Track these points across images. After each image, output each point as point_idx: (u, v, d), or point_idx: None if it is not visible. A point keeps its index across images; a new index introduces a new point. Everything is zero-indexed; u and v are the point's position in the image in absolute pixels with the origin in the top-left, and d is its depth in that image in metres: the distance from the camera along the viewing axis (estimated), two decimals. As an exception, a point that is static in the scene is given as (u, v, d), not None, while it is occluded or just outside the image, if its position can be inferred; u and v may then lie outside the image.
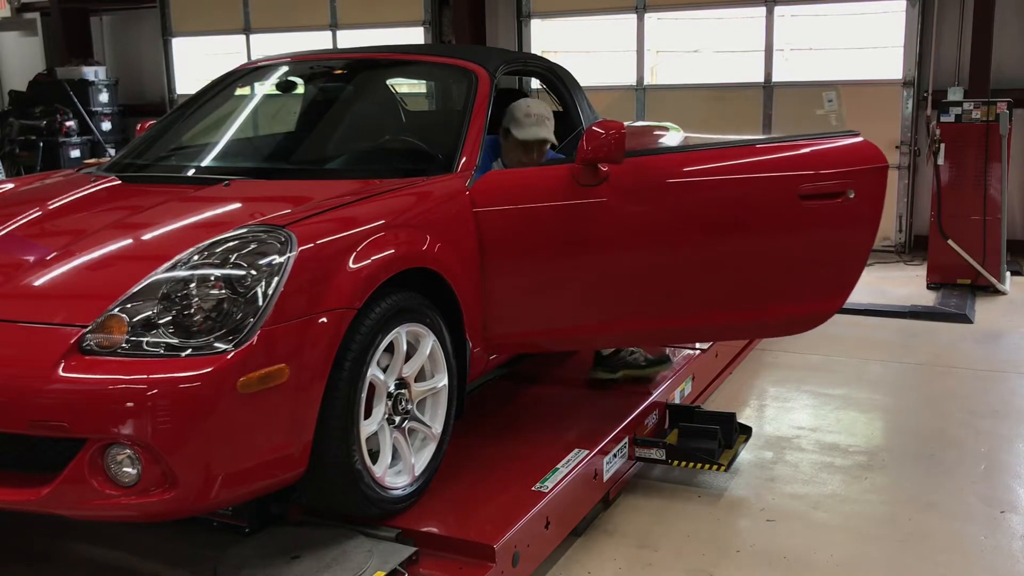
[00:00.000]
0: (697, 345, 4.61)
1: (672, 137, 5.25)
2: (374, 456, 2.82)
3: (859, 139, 3.51)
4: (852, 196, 3.42)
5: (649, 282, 3.44)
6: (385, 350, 2.80)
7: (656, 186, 3.37)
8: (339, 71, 4.26)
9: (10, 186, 3.67)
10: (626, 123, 5.17)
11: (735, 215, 3.43)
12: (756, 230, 3.45)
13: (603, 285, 3.42)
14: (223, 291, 2.45)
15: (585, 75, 5.25)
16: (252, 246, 2.55)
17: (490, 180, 3.34)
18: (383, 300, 2.76)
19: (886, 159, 3.51)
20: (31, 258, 2.78)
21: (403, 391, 2.92)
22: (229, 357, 2.35)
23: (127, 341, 2.38)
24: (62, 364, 2.34)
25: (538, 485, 3.06)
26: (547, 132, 3.69)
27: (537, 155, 3.69)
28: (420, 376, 3.01)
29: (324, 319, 2.55)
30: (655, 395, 3.90)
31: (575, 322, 3.49)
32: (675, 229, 3.39)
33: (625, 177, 3.32)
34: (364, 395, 2.71)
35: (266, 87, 4.30)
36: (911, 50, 7.93)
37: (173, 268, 2.53)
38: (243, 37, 10.70)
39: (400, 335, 2.85)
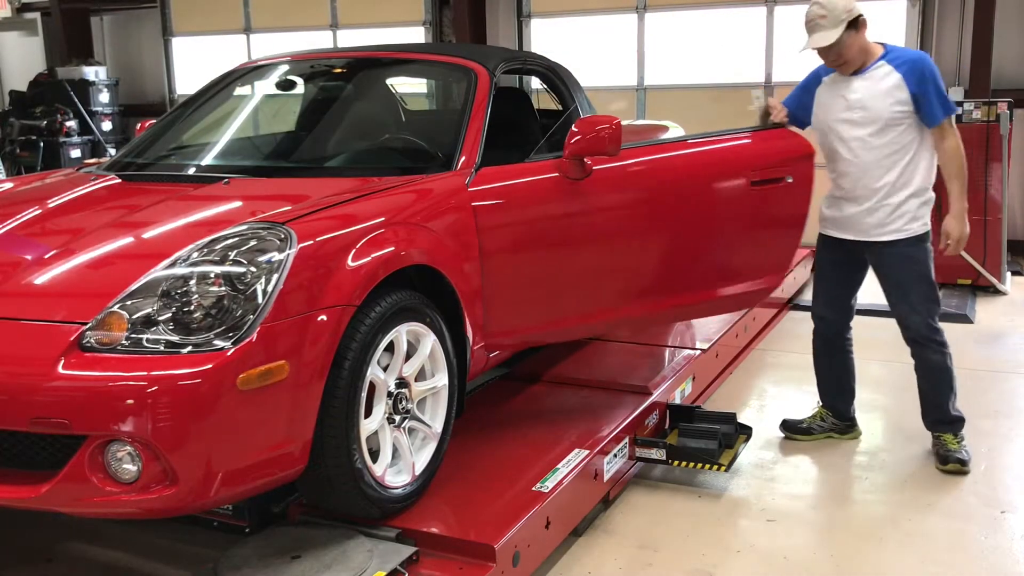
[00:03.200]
0: (698, 345, 4.62)
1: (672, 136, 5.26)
2: (374, 455, 2.82)
3: (789, 131, 4.00)
4: (790, 181, 3.92)
5: (635, 270, 3.71)
6: (385, 349, 2.80)
7: (636, 179, 3.64)
8: (339, 70, 4.26)
9: (10, 185, 3.67)
10: (625, 122, 5.21)
11: (705, 203, 3.82)
12: (723, 215, 3.88)
13: (594, 275, 3.61)
14: (223, 288, 2.45)
15: (585, 75, 5.24)
16: (252, 243, 2.55)
17: (487, 176, 3.36)
18: (383, 299, 2.76)
19: (813, 147, 3.98)
20: (31, 256, 2.78)
21: (403, 390, 2.91)
22: (229, 354, 2.35)
23: (127, 338, 2.38)
24: (62, 361, 2.34)
25: (538, 485, 3.06)
26: (827, 36, 3.55)
27: (834, 60, 3.64)
28: (420, 375, 3.00)
29: (324, 316, 2.55)
30: (655, 395, 3.89)
31: (570, 313, 3.61)
32: (655, 218, 3.69)
33: (608, 171, 3.50)
34: (364, 394, 2.71)
35: (266, 86, 4.30)
36: (911, 50, 7.92)
37: (173, 265, 2.53)
38: (243, 37, 10.69)
39: (400, 334, 2.85)
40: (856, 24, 3.58)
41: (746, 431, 3.86)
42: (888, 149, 3.63)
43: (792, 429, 4.12)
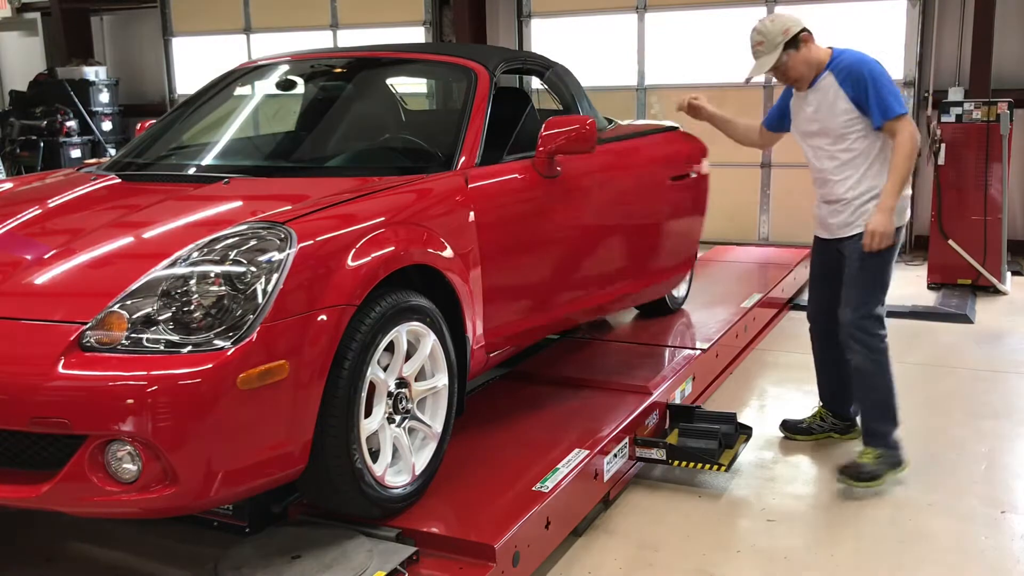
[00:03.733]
0: (698, 345, 4.62)
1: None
2: (374, 455, 2.82)
3: (683, 130, 4.86)
4: (695, 176, 4.76)
5: (603, 259, 4.12)
6: (385, 349, 2.80)
7: (598, 174, 4.02)
8: (339, 70, 4.26)
9: (10, 185, 3.67)
10: (625, 121, 5.24)
11: (646, 195, 4.43)
12: (657, 207, 4.52)
13: (575, 267, 3.92)
14: (223, 288, 2.45)
15: (585, 75, 5.24)
16: (252, 243, 2.55)
17: (481, 175, 3.38)
18: (383, 298, 2.76)
19: (706, 146, 4.91)
20: (31, 256, 2.77)
21: (403, 390, 2.91)
22: (229, 354, 2.35)
23: (127, 338, 2.38)
24: (62, 361, 2.34)
25: (539, 485, 3.06)
26: (767, 62, 3.61)
27: (784, 79, 3.69)
28: (420, 375, 3.00)
29: (324, 316, 2.54)
30: (655, 395, 3.89)
31: (560, 306, 3.86)
32: (610, 212, 4.11)
33: (571, 168, 3.77)
34: (364, 394, 2.71)
35: (266, 86, 4.30)
36: (911, 50, 7.92)
37: (173, 265, 2.52)
38: (243, 37, 10.70)
39: (400, 334, 2.84)
40: (796, 43, 3.57)
41: (746, 431, 3.86)
42: (846, 156, 3.61)
43: (792, 429, 4.12)
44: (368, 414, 2.76)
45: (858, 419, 4.11)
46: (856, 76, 3.52)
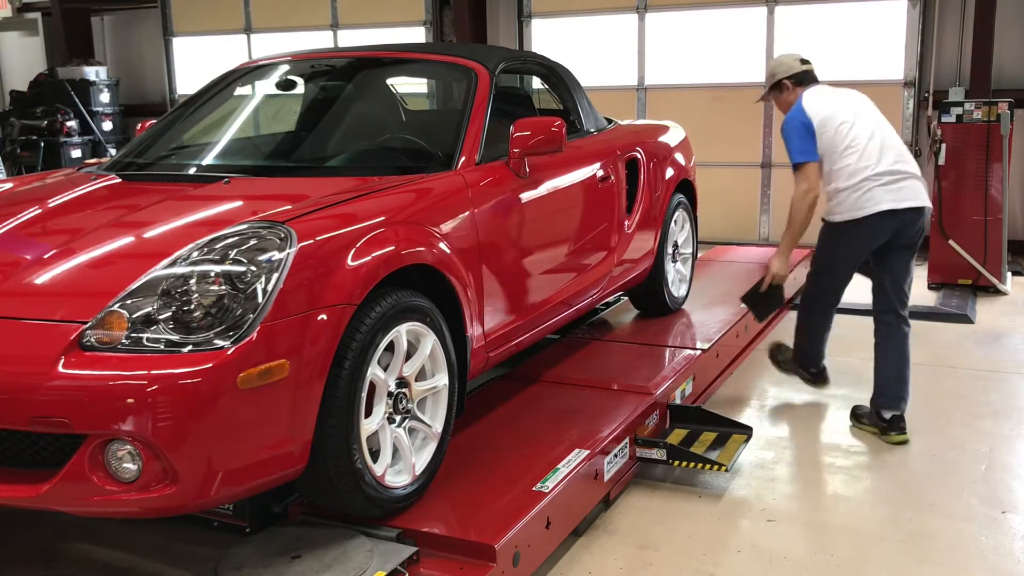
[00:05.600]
0: (698, 345, 4.62)
1: (672, 135, 5.27)
2: (374, 455, 2.82)
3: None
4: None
5: (570, 254, 4.09)
6: (385, 349, 2.80)
7: (560, 174, 3.99)
8: (339, 70, 4.26)
9: (10, 185, 3.67)
10: (625, 121, 5.23)
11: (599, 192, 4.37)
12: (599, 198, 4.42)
13: (561, 264, 3.97)
14: (223, 287, 2.45)
15: (585, 75, 5.24)
16: (252, 242, 2.54)
17: (481, 175, 3.39)
18: (383, 298, 2.76)
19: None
20: (31, 256, 2.77)
21: (404, 390, 2.91)
22: (229, 353, 2.35)
23: (127, 337, 2.38)
24: (62, 360, 2.34)
25: (539, 485, 3.06)
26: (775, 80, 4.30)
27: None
28: (420, 375, 3.00)
29: (324, 315, 2.54)
30: (655, 395, 3.89)
31: (554, 304, 3.90)
32: (577, 211, 4.13)
33: (540, 167, 3.74)
34: (364, 394, 2.70)
35: (266, 86, 4.30)
36: (912, 50, 7.92)
37: (173, 264, 2.52)
38: (244, 37, 10.70)
39: (400, 333, 2.84)
40: (779, 87, 4.31)
41: (746, 431, 3.86)
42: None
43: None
44: (368, 414, 2.76)
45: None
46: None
